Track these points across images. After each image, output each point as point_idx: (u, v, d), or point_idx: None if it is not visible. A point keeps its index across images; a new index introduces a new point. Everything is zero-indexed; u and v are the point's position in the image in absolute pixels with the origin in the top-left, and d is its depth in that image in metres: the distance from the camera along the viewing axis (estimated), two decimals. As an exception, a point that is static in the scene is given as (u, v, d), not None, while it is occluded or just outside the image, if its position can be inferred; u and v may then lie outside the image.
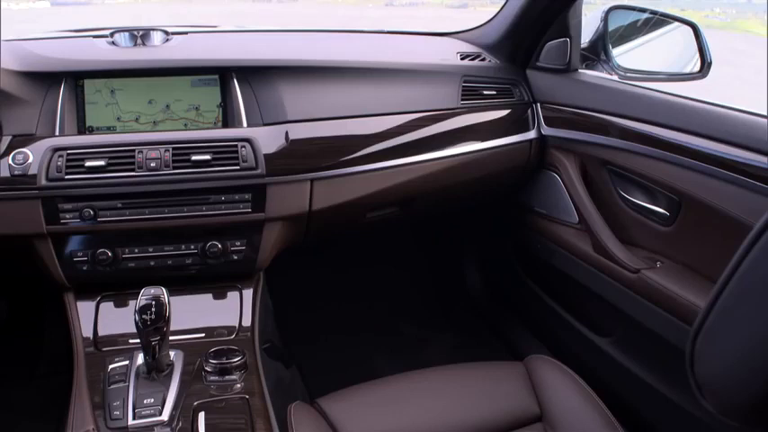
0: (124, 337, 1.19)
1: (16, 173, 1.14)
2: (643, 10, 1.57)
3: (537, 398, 1.15)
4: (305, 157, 1.27)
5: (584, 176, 1.50)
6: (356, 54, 1.54)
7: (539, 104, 1.58)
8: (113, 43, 1.37)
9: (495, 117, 1.52)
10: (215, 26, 1.68)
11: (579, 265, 1.48)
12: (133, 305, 1.24)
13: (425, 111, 1.42)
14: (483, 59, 1.59)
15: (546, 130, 1.56)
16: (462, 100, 1.47)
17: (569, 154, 1.51)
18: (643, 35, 1.61)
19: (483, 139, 1.49)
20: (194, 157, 1.19)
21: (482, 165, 1.51)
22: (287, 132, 1.25)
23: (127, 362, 1.09)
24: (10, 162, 1.15)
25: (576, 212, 1.49)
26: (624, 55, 1.56)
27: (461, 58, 1.57)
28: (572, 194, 1.50)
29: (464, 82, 1.49)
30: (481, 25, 1.71)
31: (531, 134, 1.56)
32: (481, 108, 1.50)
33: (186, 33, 1.47)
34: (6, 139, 1.18)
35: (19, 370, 1.85)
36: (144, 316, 0.99)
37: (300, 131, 1.27)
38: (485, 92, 1.51)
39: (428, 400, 1.15)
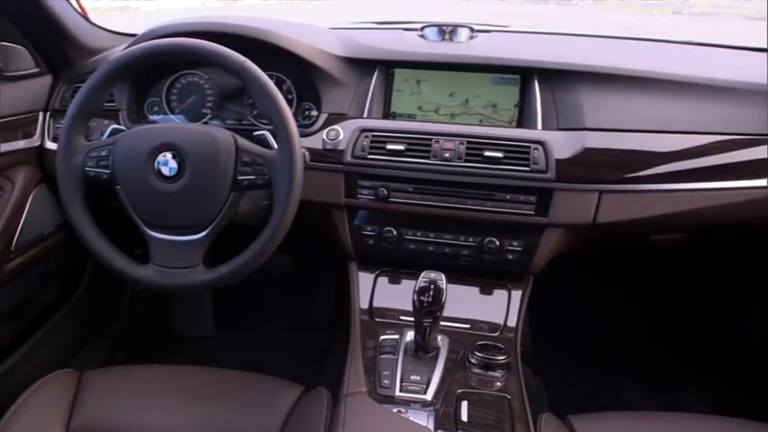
0: (395, 312, 1.27)
1: (328, 147, 1.27)
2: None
3: None
4: (597, 167, 1.22)
5: None
6: (659, 64, 1.44)
7: None
8: (423, 37, 1.45)
9: None
10: (507, 26, 1.70)
11: None
12: (406, 284, 1.32)
13: (731, 134, 1.28)
14: None
15: None
16: None
17: None
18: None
19: None
20: (487, 153, 1.21)
21: None
22: (583, 139, 1.22)
23: (397, 336, 1.16)
24: (324, 137, 1.28)
25: None
26: None
27: None
28: None
29: None
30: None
31: None
32: None
33: (489, 32, 1.51)
34: (323, 116, 1.32)
35: (290, 321, 2.09)
36: (422, 297, 1.03)
37: (596, 140, 1.23)
38: None
39: None
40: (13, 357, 1.42)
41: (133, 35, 1.57)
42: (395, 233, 1.28)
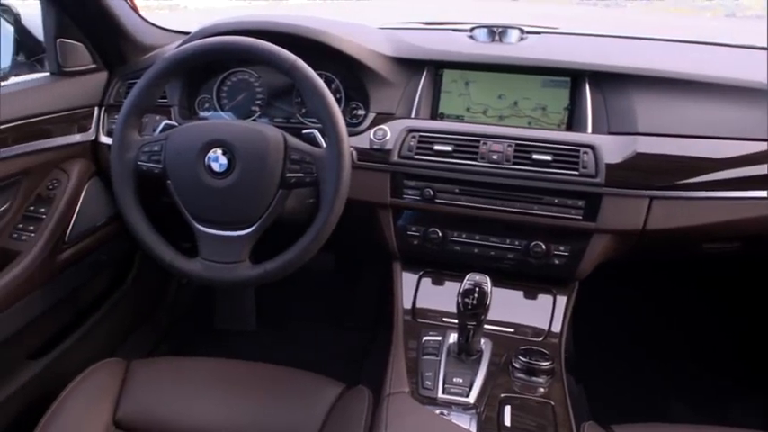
0: (438, 313, 1.27)
1: (375, 146, 1.28)
2: None
3: None
4: (648, 172, 1.19)
5: None
6: (713, 68, 1.40)
7: None
8: (472, 37, 1.45)
9: None
10: (555, 28, 1.67)
11: None
12: (450, 285, 1.32)
13: None
14: None
15: None
16: None
17: None
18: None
19: None
20: (535, 156, 1.20)
21: None
22: (634, 144, 1.19)
23: (440, 338, 1.16)
24: (371, 136, 1.28)
25: None
26: None
27: None
28: None
29: None
30: None
31: None
32: None
33: (540, 33, 1.49)
34: (371, 116, 1.33)
35: (331, 319, 2.10)
36: (466, 299, 1.03)
37: (648, 145, 1.20)
38: None
39: None
40: (65, 344, 1.46)
41: (186, 33, 1.60)
42: (440, 234, 1.28)
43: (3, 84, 1.31)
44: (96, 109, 1.47)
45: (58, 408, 1.09)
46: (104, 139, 1.45)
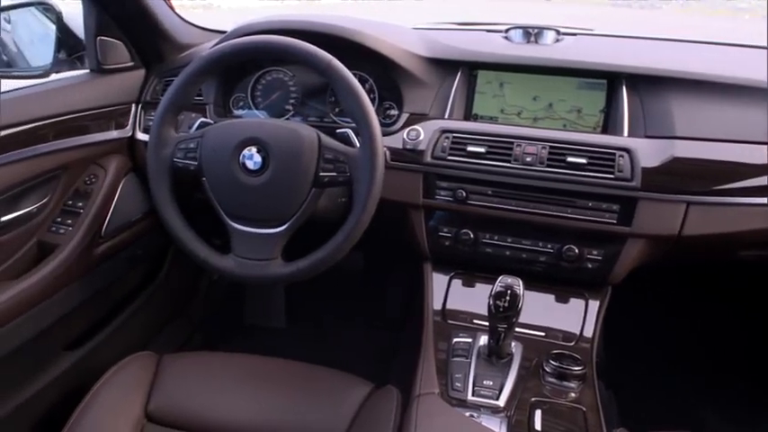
0: (469, 315, 1.26)
1: (408, 147, 1.27)
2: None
3: None
4: (685, 177, 1.17)
5: None
6: (753, 71, 1.37)
7: None
8: (507, 38, 1.43)
9: None
10: (591, 29, 1.65)
11: None
12: (480, 287, 1.31)
13: None
14: None
15: None
16: None
17: None
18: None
19: None
20: (570, 159, 1.18)
21: None
22: (672, 148, 1.17)
23: (470, 340, 1.16)
24: (404, 136, 1.28)
25: None
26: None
27: None
28: None
29: None
30: None
31: None
32: None
33: (575, 35, 1.47)
34: (404, 116, 1.33)
35: (360, 318, 2.10)
36: (498, 302, 1.02)
37: (685, 149, 1.18)
38: None
39: None
40: (99, 336, 1.49)
41: (221, 32, 1.62)
42: (472, 236, 1.27)
43: (44, 81, 1.34)
44: (133, 106, 1.49)
45: (92, 398, 1.12)
46: (141, 136, 1.47)
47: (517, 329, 1.12)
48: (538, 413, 0.98)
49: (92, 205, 1.36)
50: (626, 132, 1.22)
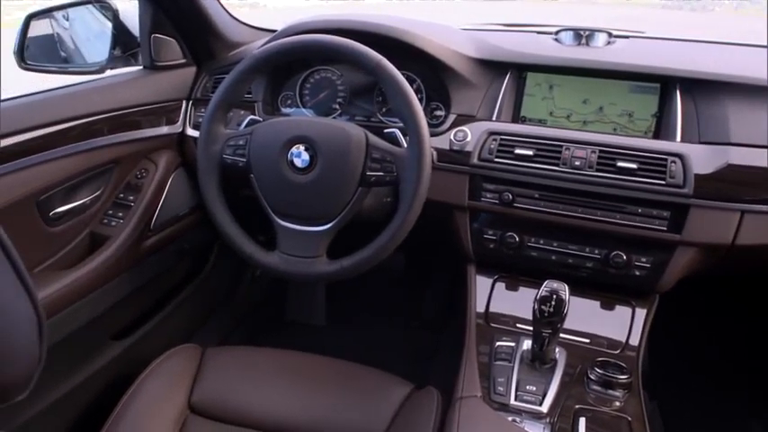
0: (512, 319, 1.25)
1: (455, 148, 1.27)
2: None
3: None
4: (741, 185, 1.14)
5: None
6: None
7: None
8: (557, 41, 1.41)
9: None
10: (642, 32, 1.62)
11: None
12: (524, 291, 1.30)
13: None
14: None
15: None
16: None
17: None
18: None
19: None
20: (620, 164, 1.16)
21: None
22: (726, 155, 1.14)
23: (513, 344, 1.14)
24: (451, 137, 1.27)
25: None
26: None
27: None
28: None
29: None
30: None
31: None
32: None
33: (628, 38, 1.45)
34: (452, 117, 1.32)
35: (400, 319, 2.10)
36: (543, 306, 1.01)
37: (740, 156, 1.14)
38: None
39: None
40: (145, 327, 1.52)
41: (271, 31, 1.64)
42: (517, 239, 1.26)
43: (99, 77, 1.38)
44: (184, 102, 1.52)
45: (138, 388, 1.14)
46: (191, 132, 1.49)
47: (561, 335, 1.10)
48: (582, 421, 0.96)
49: (142, 199, 1.39)
50: (679, 138, 1.19)
